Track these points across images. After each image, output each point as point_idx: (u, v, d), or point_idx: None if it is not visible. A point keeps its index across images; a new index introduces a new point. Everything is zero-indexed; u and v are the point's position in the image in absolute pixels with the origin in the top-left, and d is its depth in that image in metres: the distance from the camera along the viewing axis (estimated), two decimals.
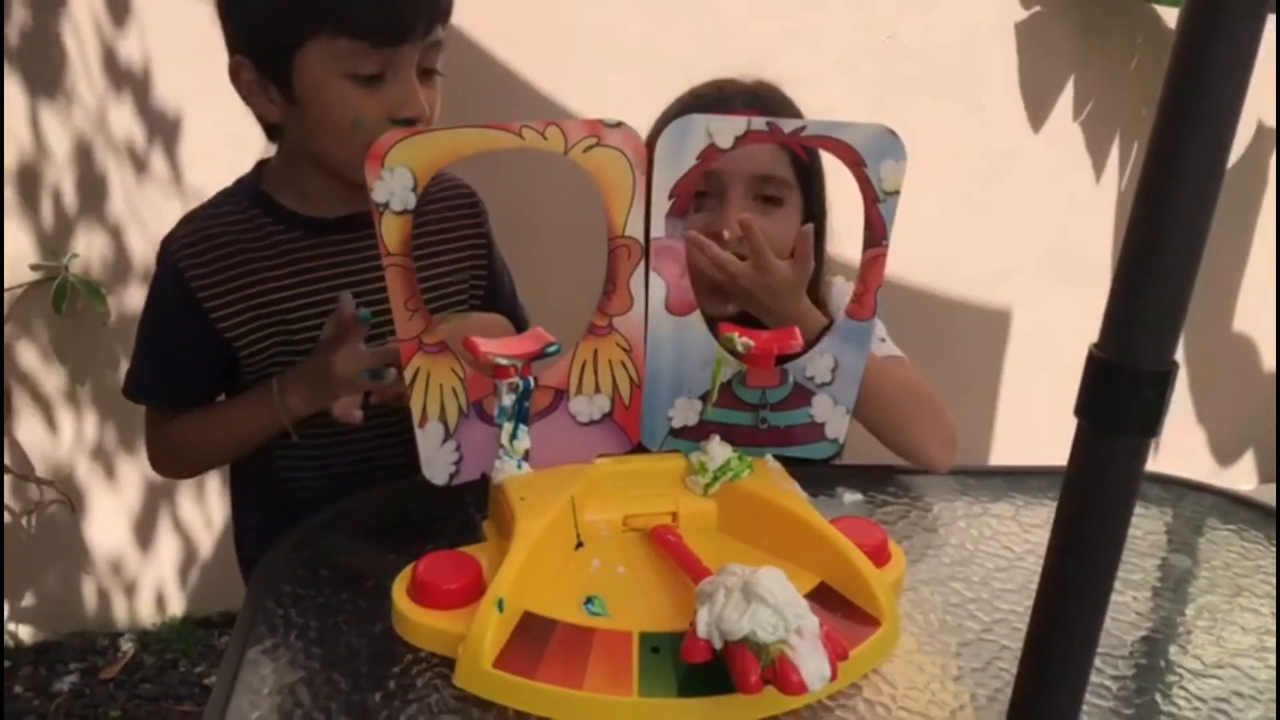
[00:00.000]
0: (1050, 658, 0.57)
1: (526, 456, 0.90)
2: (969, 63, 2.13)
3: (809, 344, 0.93)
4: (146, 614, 2.19)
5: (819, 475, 0.95)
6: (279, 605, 0.86)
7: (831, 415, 0.95)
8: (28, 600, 2.13)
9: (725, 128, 0.86)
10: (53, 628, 2.15)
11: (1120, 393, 0.53)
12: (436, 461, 0.89)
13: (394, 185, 0.80)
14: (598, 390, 0.91)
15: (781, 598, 0.69)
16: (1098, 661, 0.82)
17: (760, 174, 1.07)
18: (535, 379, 0.89)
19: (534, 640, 0.78)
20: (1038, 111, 2.20)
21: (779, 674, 0.68)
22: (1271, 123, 2.31)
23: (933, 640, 0.84)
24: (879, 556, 0.88)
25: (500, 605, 0.77)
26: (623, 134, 0.84)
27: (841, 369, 0.94)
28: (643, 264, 0.88)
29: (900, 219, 0.90)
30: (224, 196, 1.12)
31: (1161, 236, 0.50)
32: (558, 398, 0.91)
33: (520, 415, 0.89)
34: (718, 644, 0.71)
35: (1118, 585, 0.93)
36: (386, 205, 0.80)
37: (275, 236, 1.08)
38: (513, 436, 0.90)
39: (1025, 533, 1.01)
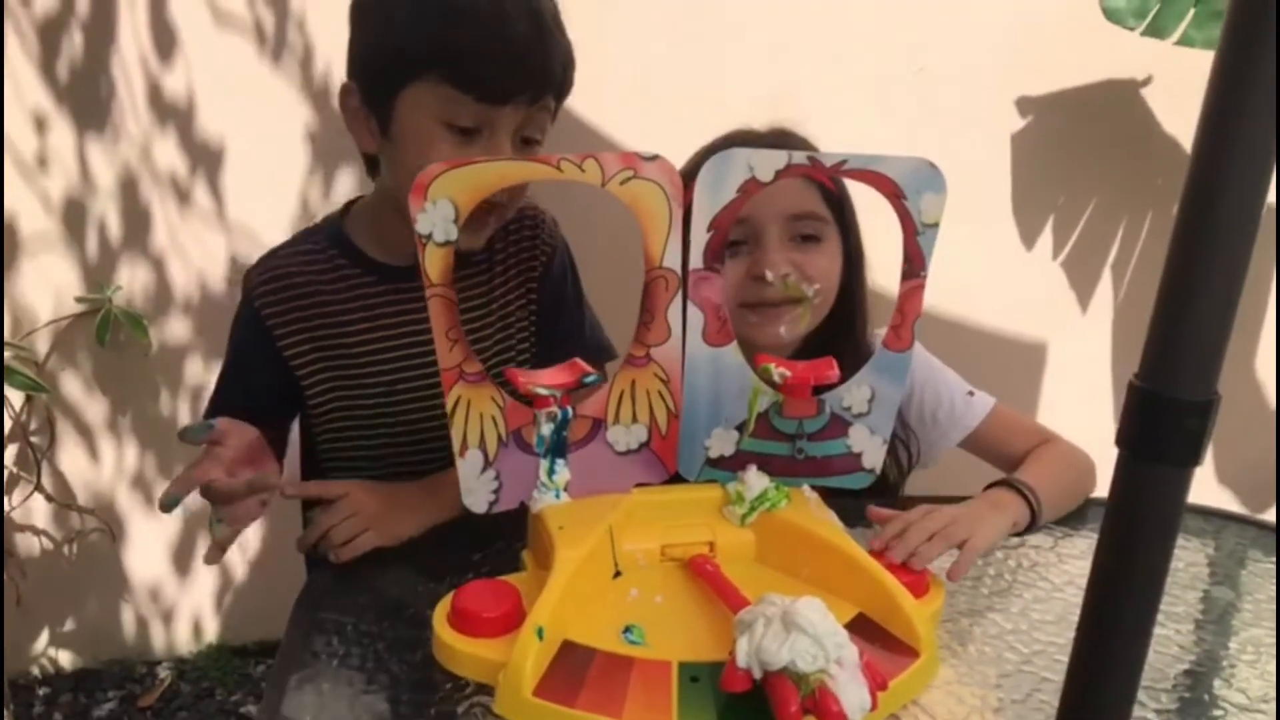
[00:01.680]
0: (1094, 688, 0.57)
1: (565, 487, 0.91)
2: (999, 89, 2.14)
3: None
4: (183, 642, 2.21)
5: (857, 507, 0.95)
6: (320, 633, 0.87)
7: (868, 445, 0.96)
8: (69, 626, 2.15)
9: (766, 161, 0.87)
10: (92, 655, 2.17)
11: (1162, 422, 0.53)
12: (476, 490, 0.89)
13: (436, 217, 0.81)
14: (635, 420, 0.92)
15: (821, 627, 0.69)
16: (1141, 694, 0.81)
17: (794, 213, 1.06)
18: (573, 409, 0.90)
19: (573, 669, 0.78)
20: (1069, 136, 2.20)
21: (819, 704, 0.68)
22: None
23: (972, 671, 0.84)
24: (917, 587, 0.87)
25: (540, 633, 0.77)
26: (659, 166, 0.85)
27: (878, 399, 0.94)
28: (680, 295, 0.89)
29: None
30: (306, 234, 1.13)
31: (1202, 263, 0.50)
32: (596, 427, 0.91)
33: (558, 444, 0.90)
34: (757, 674, 0.71)
35: (1160, 617, 0.93)
36: (429, 237, 0.82)
37: (350, 280, 1.09)
38: (550, 471, 0.91)
39: (1063, 563, 1.01)
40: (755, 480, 0.93)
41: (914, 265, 0.91)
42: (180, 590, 2.16)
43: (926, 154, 0.88)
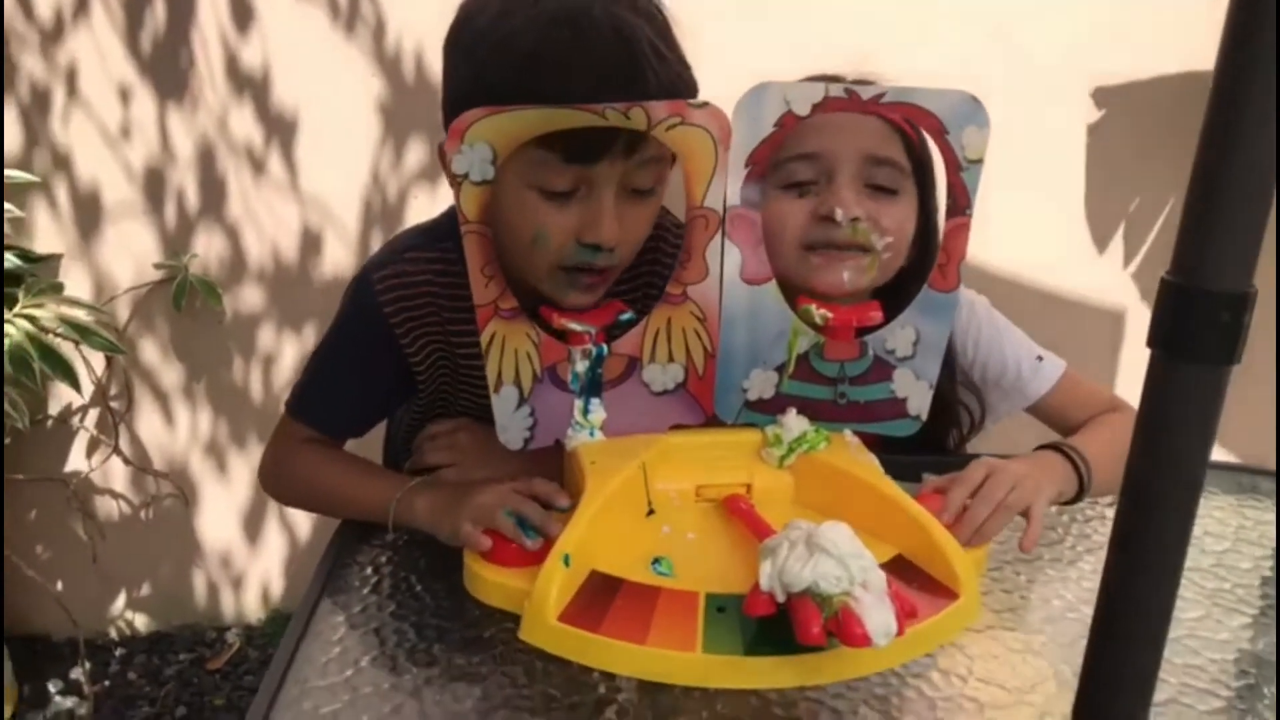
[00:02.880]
0: (1131, 590, 0.55)
1: (601, 426, 0.91)
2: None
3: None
4: (252, 609, 2.26)
5: (902, 465, 0.91)
6: (356, 561, 0.88)
7: (914, 390, 0.93)
8: (144, 590, 2.22)
9: (802, 94, 0.85)
10: (165, 618, 2.24)
11: (1195, 317, 0.50)
12: (511, 426, 0.89)
13: (474, 158, 0.81)
14: (671, 359, 0.91)
15: (846, 549, 0.68)
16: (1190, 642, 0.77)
17: (872, 154, 0.96)
18: (609, 346, 0.89)
19: (599, 597, 0.77)
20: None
21: (842, 625, 0.66)
22: None
23: (1014, 615, 0.81)
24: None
25: (566, 560, 0.77)
26: (707, 113, 0.83)
27: (923, 342, 0.92)
28: (719, 235, 0.88)
29: (1010, 218, 0.86)
30: (432, 236, 1.04)
31: (1233, 150, 0.47)
32: (631, 366, 0.91)
33: (593, 382, 0.90)
34: (780, 597, 0.69)
35: (1221, 571, 0.89)
36: (466, 176, 0.81)
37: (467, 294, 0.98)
38: (585, 411, 0.90)
39: (1110, 522, 0.96)
40: (795, 423, 0.91)
41: (958, 202, 0.89)
42: (250, 557, 2.21)
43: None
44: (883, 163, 0.96)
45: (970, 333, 1.09)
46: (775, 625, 0.72)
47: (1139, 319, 2.25)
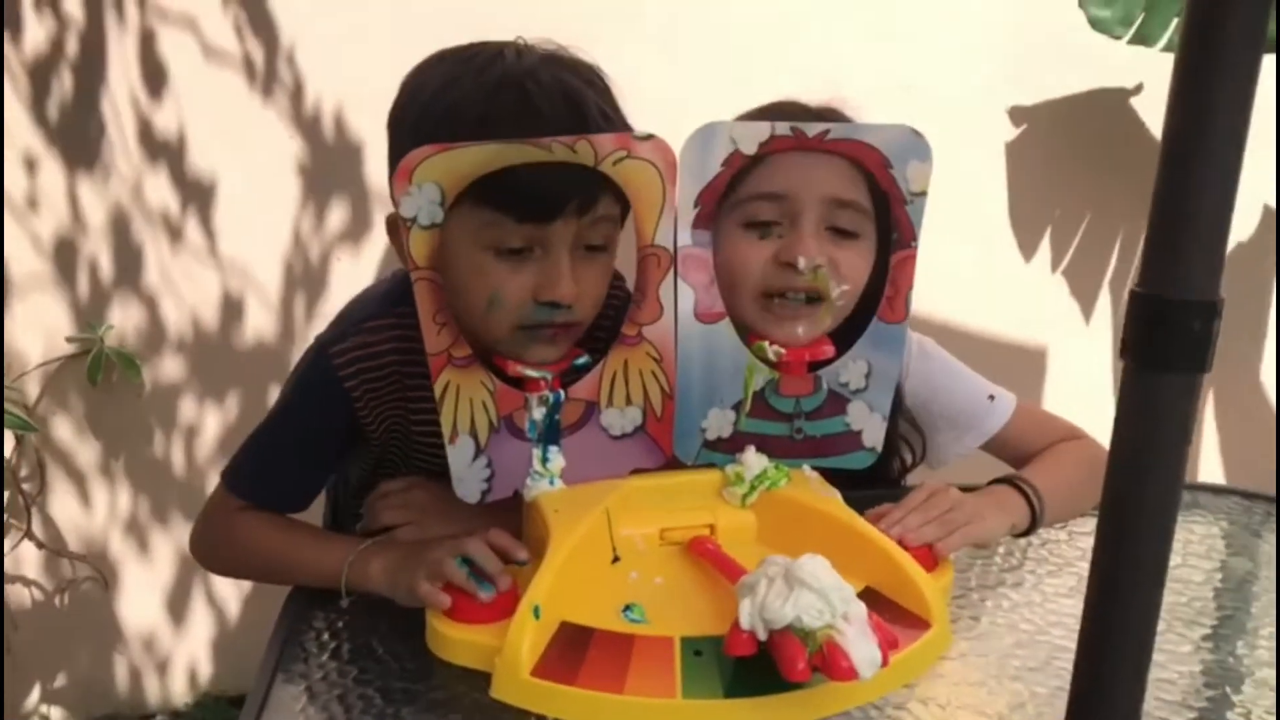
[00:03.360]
0: (1115, 604, 0.55)
1: (560, 474, 0.89)
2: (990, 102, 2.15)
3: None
4: (179, 693, 2.16)
5: (851, 500, 0.91)
6: (311, 628, 0.84)
7: (868, 422, 0.94)
8: (61, 681, 2.10)
9: (749, 133, 0.87)
10: (85, 710, 2.12)
11: (1166, 327, 0.51)
12: (468, 479, 0.87)
13: (421, 200, 0.80)
14: (629, 402, 0.90)
15: (827, 582, 0.67)
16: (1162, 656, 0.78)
17: (837, 197, 0.93)
18: (565, 392, 0.88)
19: (571, 648, 0.76)
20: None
21: (827, 659, 0.65)
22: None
23: (986, 642, 0.81)
24: (926, 564, 0.85)
25: (536, 612, 0.75)
26: (653, 145, 0.83)
27: (875, 374, 0.93)
28: (672, 273, 0.88)
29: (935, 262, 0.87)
30: (387, 301, 1.00)
31: (1198, 158, 0.49)
32: (589, 410, 0.90)
33: (551, 429, 0.88)
34: (762, 635, 0.68)
35: (1177, 586, 0.90)
36: (414, 220, 0.80)
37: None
38: (544, 459, 0.89)
39: (1074, 540, 0.98)
40: (754, 460, 0.90)
41: (904, 235, 0.90)
42: (175, 639, 2.12)
43: None
44: (846, 205, 0.93)
45: (921, 373, 1.09)
46: (753, 666, 0.71)
47: (1064, 355, 2.32)
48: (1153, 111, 2.17)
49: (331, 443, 1.01)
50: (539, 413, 0.88)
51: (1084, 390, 2.28)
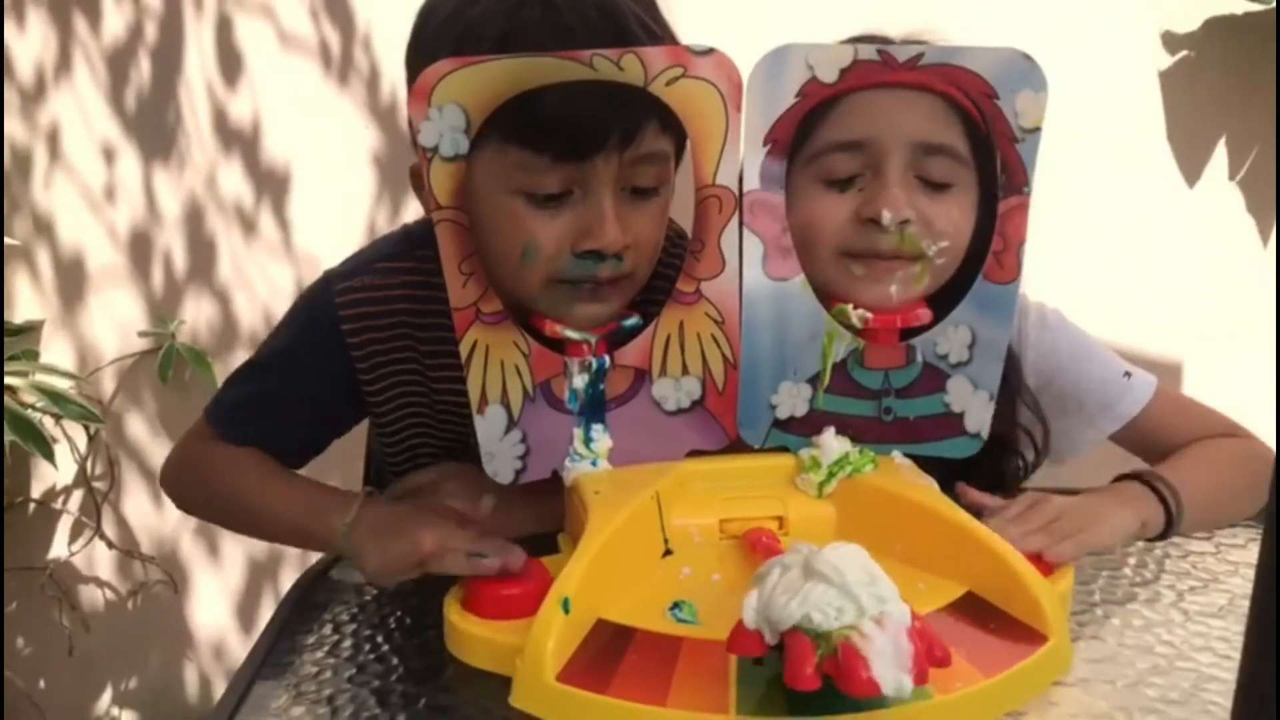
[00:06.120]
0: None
1: (606, 455, 0.78)
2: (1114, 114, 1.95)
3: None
4: None
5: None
6: (315, 613, 0.74)
7: (971, 402, 0.79)
8: (132, 684, 2.07)
9: (829, 57, 0.74)
10: (155, 714, 2.08)
11: None
12: (500, 455, 0.76)
13: (443, 126, 0.70)
14: (685, 371, 0.78)
15: (851, 576, 0.54)
16: None
17: (926, 142, 0.80)
18: (611, 358, 0.77)
19: (608, 651, 0.64)
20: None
21: (841, 667, 0.53)
22: None
23: (1111, 665, 0.66)
24: (1040, 568, 0.70)
25: (566, 606, 0.63)
26: (715, 62, 0.72)
27: (980, 345, 0.78)
28: (736, 219, 0.75)
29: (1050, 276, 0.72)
30: (409, 242, 0.93)
31: None
32: (639, 380, 0.78)
33: (594, 401, 0.77)
34: (769, 636, 0.56)
35: None
36: (435, 150, 0.70)
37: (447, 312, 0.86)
38: (586, 438, 0.78)
39: (1223, 553, 0.82)
40: (833, 444, 0.77)
41: (1015, 179, 0.77)
42: (245, 646, 2.06)
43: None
44: (937, 151, 0.81)
45: (1044, 348, 0.93)
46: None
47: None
48: None
49: (323, 391, 0.91)
50: (580, 381, 0.76)
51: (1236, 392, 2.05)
